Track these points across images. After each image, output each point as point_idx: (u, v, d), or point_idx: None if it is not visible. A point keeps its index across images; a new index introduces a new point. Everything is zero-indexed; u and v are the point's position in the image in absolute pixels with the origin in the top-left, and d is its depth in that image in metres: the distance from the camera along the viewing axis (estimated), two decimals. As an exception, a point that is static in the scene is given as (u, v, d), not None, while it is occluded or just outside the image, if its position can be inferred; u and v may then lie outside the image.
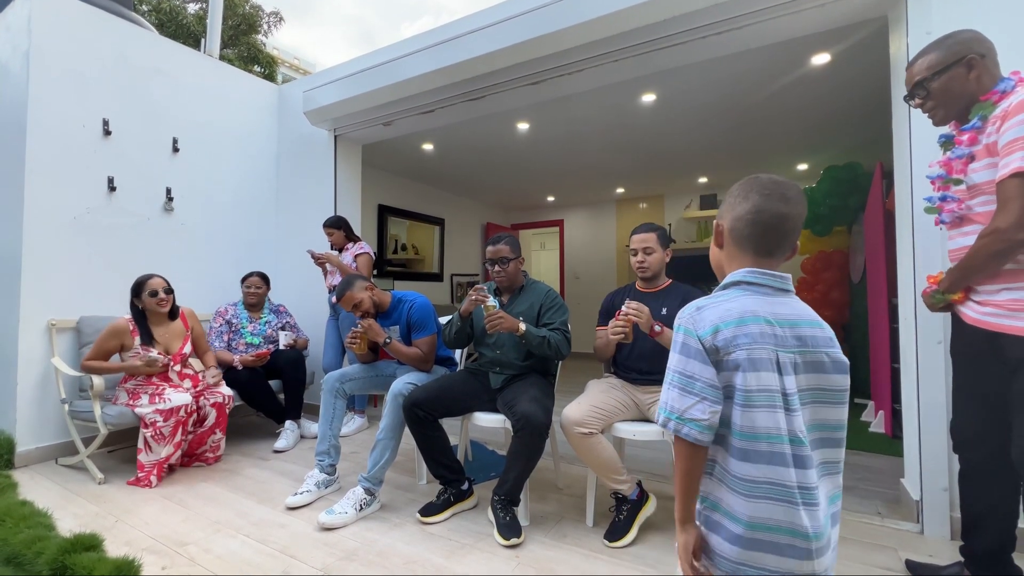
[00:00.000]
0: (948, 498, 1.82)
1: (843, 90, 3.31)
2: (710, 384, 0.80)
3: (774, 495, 0.78)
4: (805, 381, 0.82)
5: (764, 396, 0.79)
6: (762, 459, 0.78)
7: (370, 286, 2.36)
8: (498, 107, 3.16)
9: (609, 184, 6.25)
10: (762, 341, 0.80)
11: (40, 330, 2.71)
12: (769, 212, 0.85)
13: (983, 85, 1.26)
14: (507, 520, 1.87)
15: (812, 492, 0.78)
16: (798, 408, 0.80)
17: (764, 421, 0.79)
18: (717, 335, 0.81)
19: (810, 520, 0.77)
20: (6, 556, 1.71)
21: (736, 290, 0.87)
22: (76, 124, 2.88)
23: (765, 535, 0.78)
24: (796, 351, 0.82)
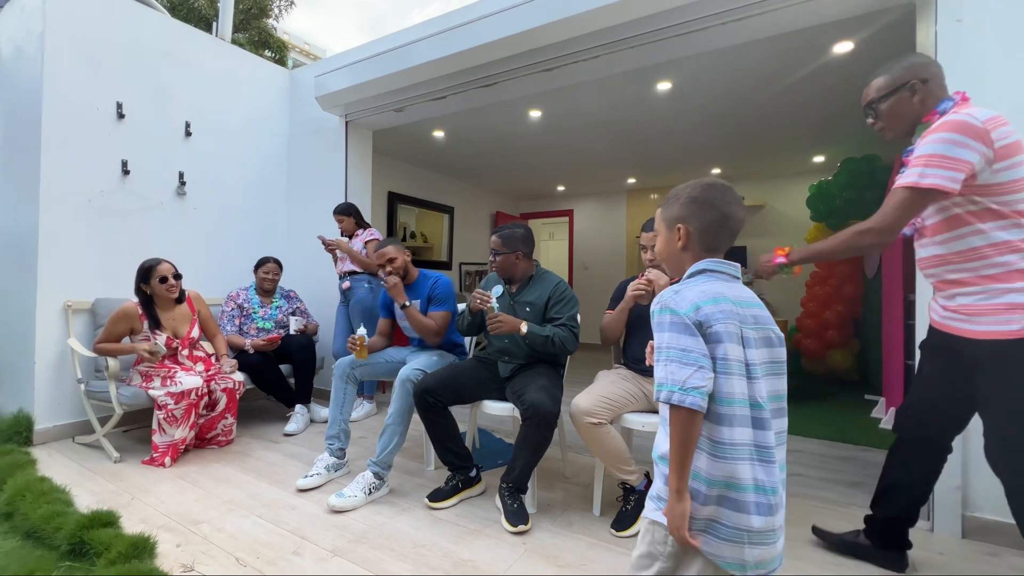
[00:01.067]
0: (960, 496, 1.81)
1: (864, 79, 3.22)
2: (703, 354, 0.88)
3: (742, 455, 0.86)
4: (760, 355, 0.92)
5: (736, 365, 0.88)
6: (736, 422, 0.87)
7: (407, 253, 2.48)
8: (510, 94, 3.12)
9: (620, 174, 6.18)
10: (732, 318, 0.91)
11: (57, 311, 2.76)
12: (736, 219, 0.99)
13: (926, 107, 1.34)
14: (515, 507, 1.89)
15: (771, 451, 0.88)
16: (759, 377, 0.90)
17: (739, 388, 0.88)
18: (699, 311, 0.90)
19: (767, 476, 0.87)
20: (26, 530, 1.75)
21: (703, 276, 0.98)
22: (90, 107, 2.89)
23: (735, 493, 0.86)
24: (753, 328, 0.93)
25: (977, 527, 1.79)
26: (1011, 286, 1.19)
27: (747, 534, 0.85)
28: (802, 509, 2.04)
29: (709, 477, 0.87)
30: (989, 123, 1.20)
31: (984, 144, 1.18)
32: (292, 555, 1.66)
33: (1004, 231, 1.21)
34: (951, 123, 1.21)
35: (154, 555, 1.61)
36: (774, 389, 0.94)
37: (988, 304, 1.23)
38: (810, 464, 2.56)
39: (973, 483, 1.80)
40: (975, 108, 1.25)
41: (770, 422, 0.89)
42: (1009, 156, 1.20)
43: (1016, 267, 1.19)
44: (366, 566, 1.60)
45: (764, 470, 0.87)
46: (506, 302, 2.23)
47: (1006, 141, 1.19)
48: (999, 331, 1.21)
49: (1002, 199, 1.20)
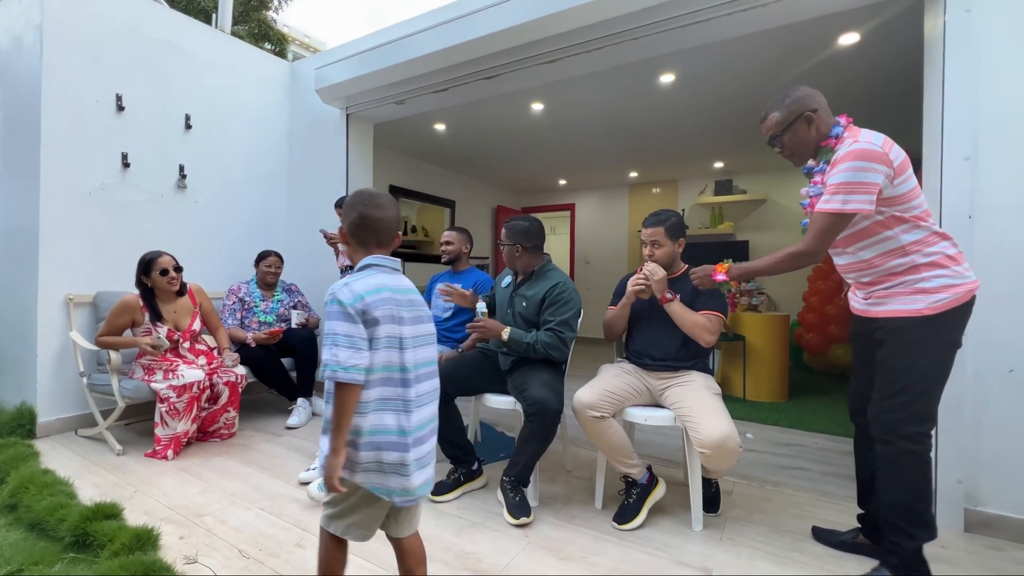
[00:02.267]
0: (962, 491, 1.80)
1: (871, 72, 3.20)
2: (362, 338, 1.09)
3: (389, 408, 1.11)
4: (412, 331, 1.18)
5: (387, 341, 1.12)
6: (377, 383, 1.10)
7: (467, 245, 2.74)
8: (513, 86, 3.09)
9: (622, 168, 6.15)
10: (389, 304, 1.14)
11: (58, 304, 2.76)
12: (372, 217, 1.20)
13: (822, 133, 1.52)
14: (517, 500, 1.89)
15: (411, 404, 1.13)
16: (409, 348, 1.15)
17: (384, 358, 1.11)
18: (362, 301, 1.10)
19: (409, 422, 1.12)
20: (30, 522, 1.76)
21: (370, 270, 1.19)
22: (90, 99, 2.87)
23: (380, 436, 1.10)
24: (408, 309, 1.18)
25: (979, 521, 1.79)
26: (917, 276, 1.38)
27: (389, 466, 1.10)
28: (805, 503, 2.04)
29: (360, 429, 1.09)
30: (885, 145, 1.37)
31: (885, 165, 1.35)
32: (295, 547, 1.67)
33: (907, 233, 1.39)
34: (856, 152, 1.37)
35: (157, 547, 1.61)
36: (424, 357, 1.20)
37: (898, 290, 1.42)
38: (812, 458, 2.56)
39: (976, 477, 1.80)
40: (868, 134, 1.41)
41: (413, 383, 1.15)
42: (903, 171, 1.38)
43: (919, 262, 1.38)
44: (369, 558, 1.60)
45: (407, 418, 1.12)
46: (509, 292, 2.22)
47: (900, 159, 1.37)
48: (904, 309, 1.40)
49: (902, 207, 1.39)
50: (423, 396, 1.17)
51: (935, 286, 1.36)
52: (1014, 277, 1.74)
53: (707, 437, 1.64)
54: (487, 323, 2.05)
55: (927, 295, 1.36)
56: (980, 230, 1.79)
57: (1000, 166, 1.77)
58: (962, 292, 1.35)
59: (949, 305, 1.35)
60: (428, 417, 1.18)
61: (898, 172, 1.36)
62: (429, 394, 1.20)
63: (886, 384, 1.43)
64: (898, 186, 1.36)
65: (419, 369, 1.17)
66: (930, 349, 1.37)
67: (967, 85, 1.81)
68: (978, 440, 1.80)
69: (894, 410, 1.41)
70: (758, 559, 1.63)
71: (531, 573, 1.54)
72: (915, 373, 1.38)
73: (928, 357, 1.38)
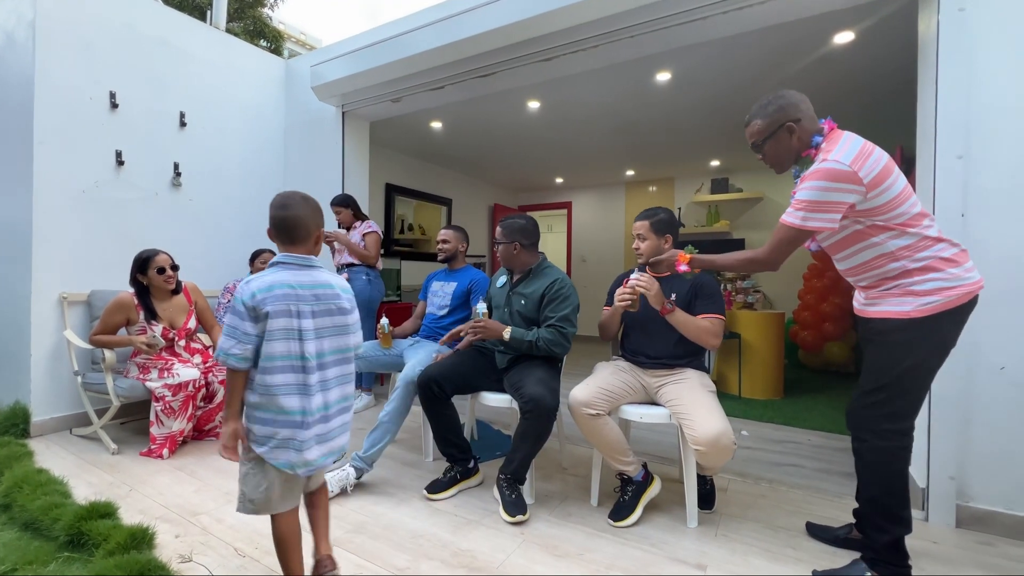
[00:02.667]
0: (955, 487, 1.82)
1: (865, 70, 3.21)
2: (245, 333, 1.21)
3: (289, 392, 1.24)
4: (318, 323, 1.29)
5: (283, 332, 1.23)
6: (278, 371, 1.23)
7: (464, 243, 2.71)
8: (509, 84, 3.09)
9: (619, 166, 6.15)
10: (285, 300, 1.24)
11: (52, 302, 2.74)
12: (277, 217, 1.30)
13: (804, 142, 1.50)
14: (513, 498, 1.89)
15: (311, 388, 1.25)
16: (311, 339, 1.26)
17: (283, 348, 1.23)
18: (254, 298, 1.21)
19: (308, 405, 1.25)
20: (24, 521, 1.75)
21: (275, 268, 1.29)
22: (83, 96, 2.85)
23: (282, 416, 1.23)
24: (311, 304, 1.28)
25: (971, 517, 1.81)
26: (910, 280, 1.38)
27: (290, 442, 1.23)
28: (799, 500, 2.06)
29: (265, 408, 1.24)
30: (856, 162, 1.34)
31: (853, 184, 1.34)
32: (291, 545, 1.67)
33: (894, 240, 1.38)
34: (823, 172, 1.37)
35: (153, 546, 1.61)
36: (331, 346, 1.31)
37: (891, 292, 1.42)
38: (807, 455, 2.58)
39: (967, 473, 1.82)
40: (843, 146, 1.38)
41: (315, 370, 1.26)
42: (880, 183, 1.35)
43: (911, 267, 1.38)
44: (364, 556, 1.60)
45: (307, 401, 1.24)
46: (505, 291, 2.22)
47: (873, 173, 1.34)
48: (892, 311, 1.40)
49: (884, 217, 1.38)
50: (328, 381, 1.30)
51: (926, 289, 1.35)
52: (1006, 275, 1.75)
53: (702, 434, 1.65)
54: (488, 324, 2.05)
55: (916, 297, 1.36)
56: (973, 228, 1.80)
57: (993, 165, 1.78)
58: (956, 295, 1.34)
59: (938, 308, 1.34)
60: (335, 399, 1.32)
61: (872, 186, 1.34)
62: (336, 379, 1.33)
63: (866, 382, 1.45)
64: (874, 199, 1.36)
65: (324, 357, 1.30)
66: (914, 351, 1.38)
67: (960, 84, 1.82)
68: (970, 437, 1.82)
69: (870, 408, 1.43)
70: (752, 555, 1.64)
71: (527, 570, 1.54)
72: (895, 373, 1.39)
73: (912, 359, 1.38)
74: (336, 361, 1.33)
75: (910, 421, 1.42)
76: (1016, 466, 1.74)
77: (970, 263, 1.38)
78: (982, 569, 1.58)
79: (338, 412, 1.33)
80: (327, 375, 1.30)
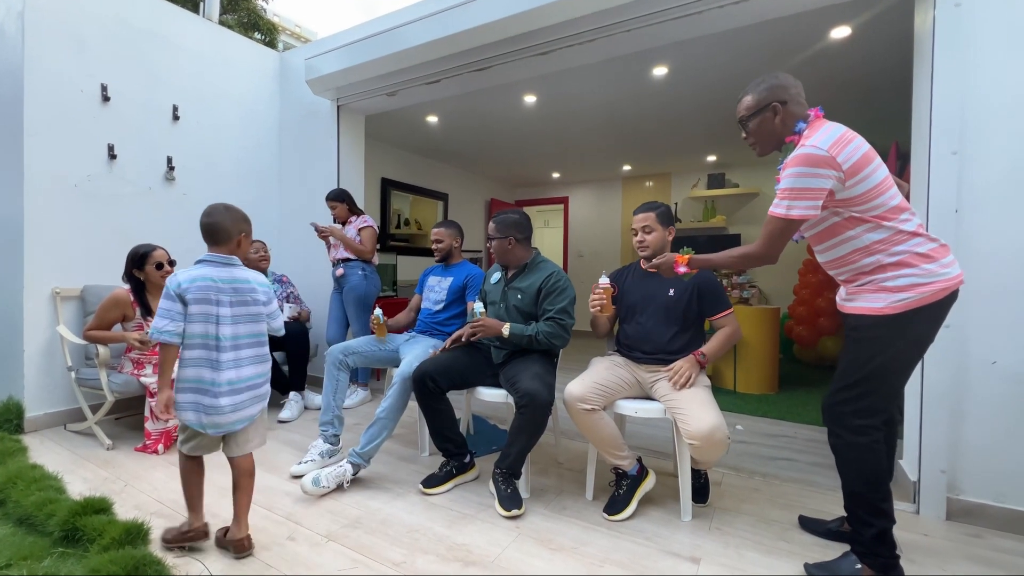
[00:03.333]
0: (946, 480, 1.84)
1: (861, 65, 3.21)
2: (176, 312, 1.49)
3: (203, 365, 1.51)
4: (233, 312, 1.56)
5: (201, 316, 1.51)
6: (195, 347, 1.51)
7: (458, 239, 2.70)
8: (505, 78, 3.08)
9: (616, 161, 6.14)
10: (205, 290, 1.52)
11: (44, 298, 2.72)
12: (203, 224, 1.59)
13: (787, 127, 1.50)
14: (508, 492, 1.90)
15: (221, 363, 1.52)
16: (227, 324, 1.54)
17: (200, 329, 1.51)
18: (180, 287, 1.50)
19: (217, 376, 1.52)
20: (18, 517, 1.75)
21: (201, 264, 1.57)
22: (74, 89, 2.82)
23: (196, 384, 1.51)
24: (232, 295, 1.56)
25: (960, 509, 1.83)
26: (883, 275, 1.38)
27: (203, 407, 1.51)
28: (793, 493, 2.08)
29: (185, 378, 1.51)
30: (834, 148, 1.34)
31: (832, 169, 1.34)
32: (287, 540, 1.67)
33: (870, 232, 1.38)
34: (800, 157, 1.36)
35: (148, 541, 1.61)
36: (249, 331, 1.59)
37: (866, 288, 1.42)
38: (800, 449, 2.60)
39: (958, 467, 1.84)
40: (823, 132, 1.39)
41: (228, 349, 1.53)
42: (858, 171, 1.34)
43: (885, 261, 1.38)
44: (360, 551, 1.61)
45: (216, 374, 1.51)
46: (500, 287, 2.22)
47: (852, 160, 1.34)
48: (865, 307, 1.41)
49: (860, 208, 1.38)
50: (242, 360, 1.57)
51: (899, 285, 1.35)
52: (997, 271, 1.76)
53: (696, 429, 1.66)
54: (487, 322, 2.05)
55: (890, 294, 1.36)
56: (966, 224, 1.81)
57: (987, 160, 1.79)
58: (931, 291, 1.33)
59: (912, 305, 1.34)
60: (248, 375, 1.58)
61: (850, 173, 1.34)
62: (250, 358, 1.59)
63: (840, 377, 1.47)
64: (852, 187, 1.35)
65: (237, 340, 1.56)
66: (886, 348, 1.38)
67: (956, 79, 1.83)
68: (961, 431, 1.83)
69: (843, 403, 1.45)
70: (746, 548, 1.65)
71: (522, 563, 1.55)
72: (868, 369, 1.40)
73: (884, 355, 1.39)
74: (251, 344, 1.60)
75: (884, 416, 1.44)
76: (1007, 459, 1.76)
77: (949, 258, 1.37)
78: (971, 561, 1.60)
79: (249, 387, 1.58)
80: (241, 355, 1.57)
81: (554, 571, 1.52)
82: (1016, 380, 1.74)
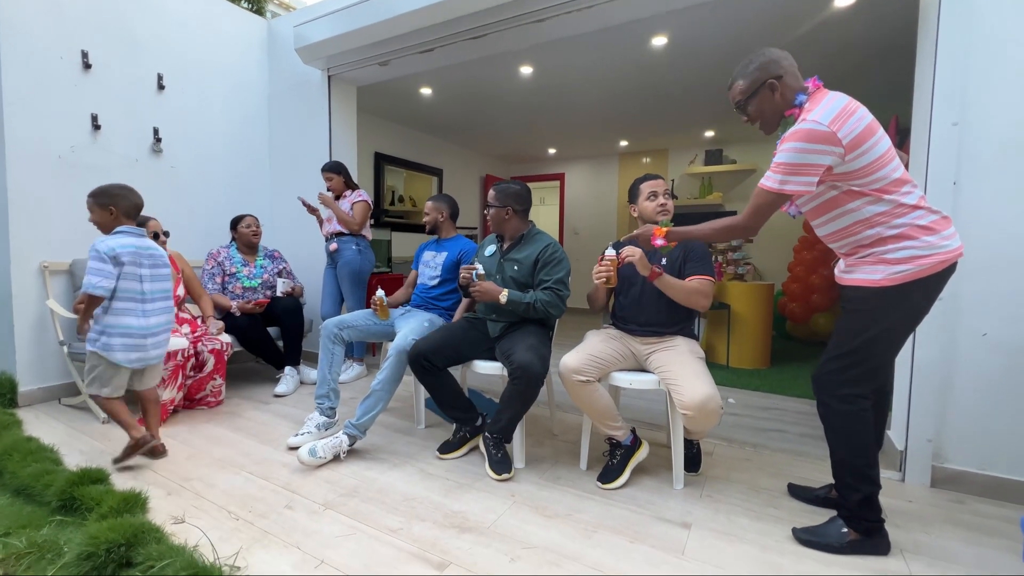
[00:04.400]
0: (932, 449, 1.88)
1: (863, 38, 3.14)
2: (108, 271, 1.88)
3: (130, 313, 1.95)
4: (151, 273, 2.02)
5: (131, 275, 1.95)
6: (126, 299, 1.95)
7: (444, 212, 2.65)
8: (500, 47, 2.99)
9: (612, 137, 6.06)
10: (132, 255, 1.95)
11: (33, 272, 2.68)
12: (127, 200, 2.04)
13: (787, 100, 1.47)
14: (499, 457, 1.95)
15: (148, 313, 2.00)
16: (148, 281, 2.00)
17: (129, 285, 1.95)
18: (114, 252, 1.90)
19: (145, 323, 1.99)
20: (15, 488, 1.75)
21: (121, 235, 1.98)
22: (53, 55, 2.72)
23: (124, 330, 1.94)
24: (148, 259, 2.02)
25: (945, 477, 1.88)
26: (883, 248, 1.37)
27: (131, 347, 1.95)
28: (782, 463, 2.12)
29: (116, 324, 1.93)
30: (835, 123, 1.31)
31: (831, 145, 1.31)
32: (284, 508, 1.69)
33: (870, 206, 1.37)
34: (800, 132, 1.33)
35: (146, 510, 1.63)
36: (159, 288, 2.05)
37: (865, 260, 1.42)
38: (791, 421, 2.65)
39: (944, 436, 1.88)
40: (824, 105, 1.35)
41: (149, 301, 2.00)
42: (859, 145, 1.32)
43: (885, 234, 1.37)
44: (357, 518, 1.63)
45: (143, 321, 1.98)
46: (496, 259, 2.21)
47: (854, 134, 1.31)
48: (863, 279, 1.41)
49: (860, 181, 1.35)
50: (156, 309, 2.03)
51: (899, 257, 1.34)
52: (991, 244, 1.76)
53: (689, 399, 1.68)
54: (485, 287, 2.04)
55: (888, 266, 1.36)
56: (963, 196, 1.80)
57: (988, 132, 1.77)
58: (930, 263, 1.33)
59: (910, 277, 1.34)
60: (160, 323, 2.05)
61: (851, 148, 1.31)
62: (160, 310, 2.06)
63: (833, 347, 1.47)
64: (851, 161, 1.33)
65: (154, 295, 2.02)
66: (881, 320, 1.39)
67: (960, 50, 1.79)
68: (948, 401, 1.87)
69: (832, 373, 1.46)
70: (736, 514, 1.69)
71: (517, 529, 1.58)
72: (860, 340, 1.41)
73: (878, 327, 1.39)
74: (162, 299, 2.06)
75: (872, 385, 1.45)
76: (992, 429, 1.80)
77: (949, 230, 1.36)
78: (953, 525, 1.65)
79: (163, 331, 2.08)
80: (155, 307, 2.03)
81: (549, 536, 1.55)
82: (1006, 352, 1.77)
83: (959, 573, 1.40)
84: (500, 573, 1.37)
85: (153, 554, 1.31)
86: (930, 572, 1.40)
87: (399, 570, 1.38)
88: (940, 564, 1.44)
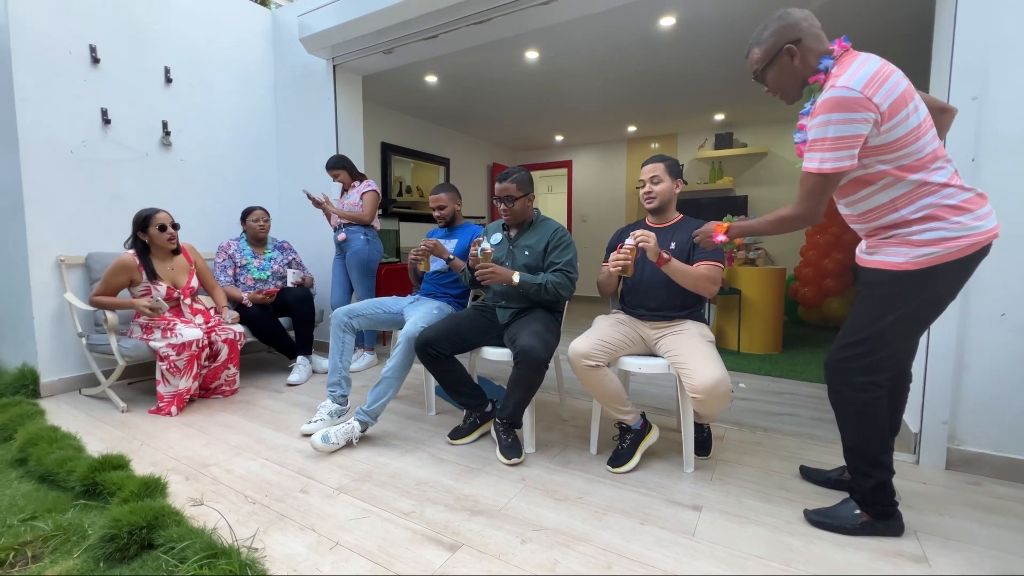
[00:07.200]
0: (947, 431, 1.86)
1: (877, 15, 3.05)
2: None
3: None
4: None
5: None
6: None
7: (459, 201, 2.62)
8: (505, 32, 2.95)
9: (620, 122, 5.98)
10: None
11: (50, 265, 2.73)
12: None
13: (809, 65, 1.36)
14: (509, 442, 1.97)
15: None
16: None
17: None
18: None
19: None
20: (40, 474, 1.81)
21: None
22: (62, 50, 2.74)
23: None
24: None
25: (960, 459, 1.86)
26: (908, 230, 1.29)
27: None
28: (794, 446, 2.11)
29: None
30: (869, 87, 1.20)
31: (868, 111, 1.20)
32: (299, 493, 1.72)
33: (897, 184, 1.28)
34: (830, 102, 1.22)
35: (166, 494, 1.67)
36: None
37: (888, 241, 1.34)
38: (802, 405, 2.63)
39: (959, 418, 1.85)
40: (855, 70, 1.23)
41: None
42: (896, 113, 1.22)
43: (908, 217, 1.29)
44: (371, 502, 1.66)
45: None
46: (505, 247, 2.21)
47: (891, 99, 1.21)
48: (884, 261, 1.34)
49: (888, 157, 1.26)
50: None
51: (925, 239, 1.25)
52: (1012, 223, 1.71)
53: (699, 382, 1.67)
54: (497, 269, 2.02)
55: (912, 248, 1.27)
56: (983, 173, 1.75)
57: (1008, 107, 1.72)
58: (960, 246, 1.23)
59: (935, 260, 1.25)
60: None
61: (888, 115, 1.20)
62: None
63: (848, 333, 1.40)
64: (887, 132, 1.22)
65: None
66: (901, 305, 1.31)
67: (980, 21, 1.73)
68: (964, 382, 1.84)
69: (847, 360, 1.39)
70: (746, 496, 1.69)
71: (528, 512, 1.60)
72: (878, 327, 1.34)
73: (897, 313, 1.32)
74: None
75: (889, 373, 1.39)
76: (1008, 410, 1.77)
77: (985, 208, 1.26)
78: (969, 506, 1.63)
79: None
80: None
81: (559, 518, 1.56)
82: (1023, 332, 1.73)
83: (974, 553, 1.39)
84: (511, 553, 1.39)
85: (173, 536, 1.35)
86: (944, 552, 1.39)
87: (412, 551, 1.40)
88: (954, 544, 1.43)
